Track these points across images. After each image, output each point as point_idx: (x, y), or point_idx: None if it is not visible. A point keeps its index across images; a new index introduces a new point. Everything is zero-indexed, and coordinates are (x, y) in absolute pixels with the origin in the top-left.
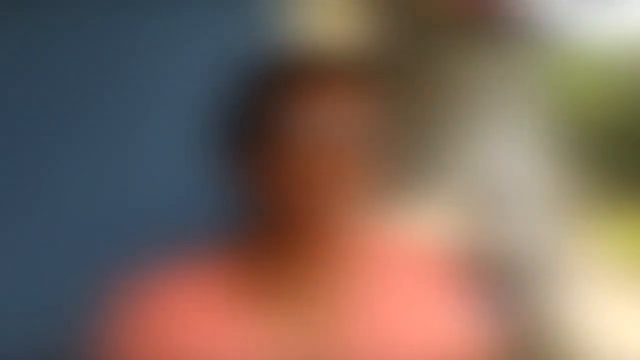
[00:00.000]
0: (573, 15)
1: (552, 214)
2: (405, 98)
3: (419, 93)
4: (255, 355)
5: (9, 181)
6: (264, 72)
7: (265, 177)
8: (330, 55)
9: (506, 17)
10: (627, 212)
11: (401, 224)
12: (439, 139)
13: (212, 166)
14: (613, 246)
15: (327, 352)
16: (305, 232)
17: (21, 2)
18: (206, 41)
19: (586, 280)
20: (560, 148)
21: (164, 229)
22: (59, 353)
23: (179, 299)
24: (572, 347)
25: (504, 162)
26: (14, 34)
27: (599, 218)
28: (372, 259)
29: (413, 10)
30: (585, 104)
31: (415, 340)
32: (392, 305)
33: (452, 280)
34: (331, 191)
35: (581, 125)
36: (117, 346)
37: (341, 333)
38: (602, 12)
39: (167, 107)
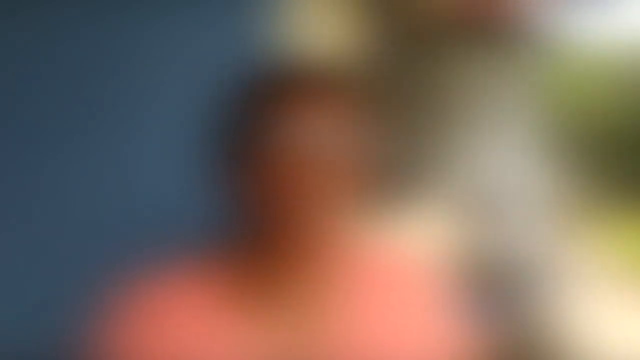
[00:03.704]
0: (570, 17)
1: (550, 218)
2: (400, 105)
3: (414, 100)
4: (246, 355)
5: (7, 182)
6: (256, 82)
7: (256, 185)
8: (323, 65)
9: (503, 20)
10: (625, 215)
11: (392, 231)
12: (434, 145)
13: (206, 173)
14: (611, 250)
15: (316, 355)
16: (295, 239)
17: (20, 5)
18: (200, 51)
19: (584, 284)
20: (559, 152)
21: (157, 233)
22: (55, 353)
23: (171, 302)
24: (569, 351)
25: (501, 167)
26: (13, 36)
27: (597, 222)
28: (361, 265)
29: (408, 16)
30: (583, 107)
31: (402, 346)
32: (380, 311)
33: (442, 287)
34: (320, 200)
35: (579, 128)
36: (111, 347)
37: (329, 337)
38: (600, 14)
39: (161, 115)
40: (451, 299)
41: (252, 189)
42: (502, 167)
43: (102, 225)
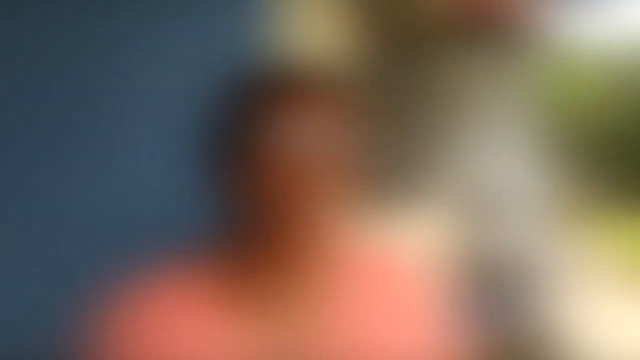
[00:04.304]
0: (570, 17)
1: (548, 218)
2: (396, 106)
3: (411, 100)
4: (238, 356)
5: (1, 184)
6: (251, 84)
7: (250, 186)
8: (318, 67)
9: (501, 20)
10: (623, 215)
11: (389, 231)
12: (432, 146)
13: (200, 174)
14: (610, 249)
15: (309, 353)
16: (289, 239)
17: (20, 5)
18: (195, 53)
19: (583, 284)
20: (557, 152)
21: (153, 234)
22: (50, 354)
23: (167, 303)
24: (568, 351)
25: (500, 167)
26: (13, 36)
27: (596, 222)
28: (356, 266)
29: (405, 17)
30: (582, 107)
31: (398, 347)
32: (376, 312)
33: (439, 288)
34: (315, 201)
35: (578, 128)
36: (107, 348)
37: (323, 337)
38: (600, 14)
39: (156, 116)
40: (448, 299)
41: (246, 190)
42: (500, 167)
43: (97, 226)
